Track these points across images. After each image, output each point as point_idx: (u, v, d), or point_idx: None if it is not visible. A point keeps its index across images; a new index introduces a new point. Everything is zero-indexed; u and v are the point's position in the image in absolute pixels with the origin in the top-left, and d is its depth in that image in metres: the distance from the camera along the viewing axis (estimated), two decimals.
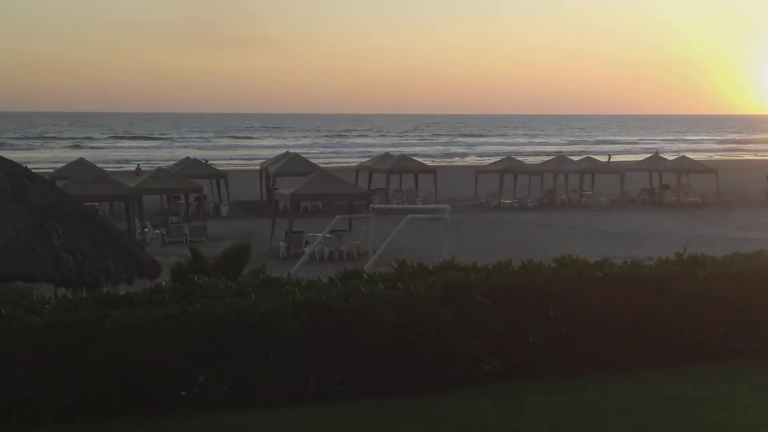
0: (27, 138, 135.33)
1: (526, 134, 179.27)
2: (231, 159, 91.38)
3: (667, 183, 50.38)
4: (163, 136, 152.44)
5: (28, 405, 9.25)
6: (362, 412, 8.89)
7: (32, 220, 13.37)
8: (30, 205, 13.60)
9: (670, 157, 58.84)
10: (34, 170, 15.43)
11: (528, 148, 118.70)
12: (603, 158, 70.22)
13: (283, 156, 51.42)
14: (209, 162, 55.19)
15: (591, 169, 50.77)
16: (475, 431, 8.04)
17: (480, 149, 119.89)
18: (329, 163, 78.03)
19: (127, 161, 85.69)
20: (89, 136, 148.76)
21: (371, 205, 31.25)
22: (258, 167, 54.99)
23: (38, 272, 12.88)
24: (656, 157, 53.39)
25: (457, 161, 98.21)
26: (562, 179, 52.47)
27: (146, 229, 32.89)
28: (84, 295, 11.92)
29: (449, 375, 10.35)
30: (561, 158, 54.60)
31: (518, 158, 59.71)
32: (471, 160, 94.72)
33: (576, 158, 56.54)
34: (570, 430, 8.02)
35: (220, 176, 47.49)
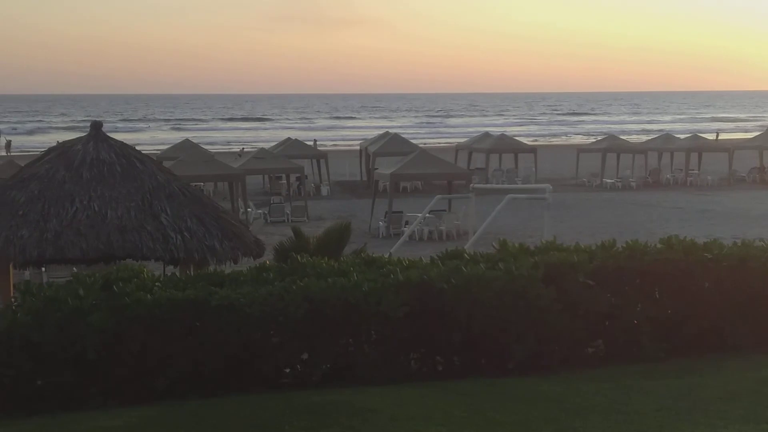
0: (131, 120, 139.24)
1: (630, 112, 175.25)
2: (331, 139, 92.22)
3: None
4: (265, 117, 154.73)
5: (140, 380, 9.57)
6: (463, 393, 8.90)
7: (142, 199, 13.76)
8: (140, 184, 13.99)
9: None
10: (142, 151, 15.84)
11: (632, 126, 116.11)
12: (711, 136, 68.16)
13: (382, 136, 51.64)
14: (317, 142, 55.81)
15: (698, 147, 49.35)
16: (580, 413, 7.95)
17: (583, 127, 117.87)
18: (428, 142, 77.97)
19: (228, 143, 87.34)
20: (193, 117, 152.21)
21: (471, 184, 31.11)
22: (358, 147, 55.37)
23: (148, 250, 13.25)
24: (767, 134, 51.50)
25: (558, 140, 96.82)
26: (668, 158, 51.17)
27: (249, 209, 33.52)
28: (191, 273, 12.25)
29: (551, 357, 10.26)
30: (666, 136, 53.28)
31: (622, 137, 58.46)
32: (573, 140, 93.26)
33: (682, 136, 55.07)
34: (676, 414, 7.86)
35: (320, 156, 48.01)
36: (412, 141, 50.12)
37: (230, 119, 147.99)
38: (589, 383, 9.09)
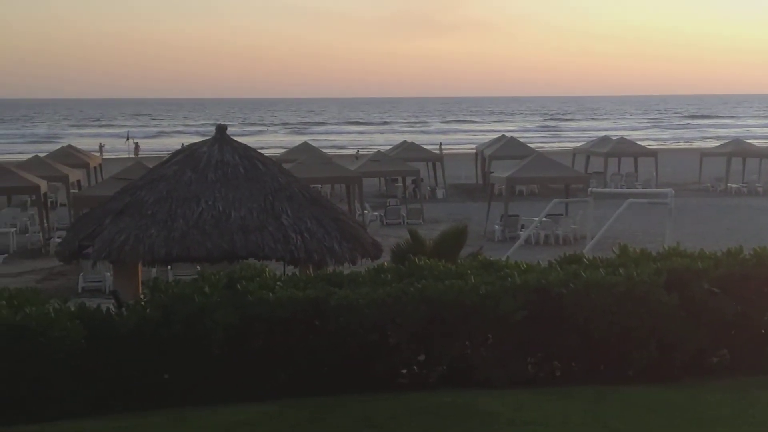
0: (250, 124, 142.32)
1: (758, 115, 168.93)
2: (446, 143, 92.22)
3: None
4: (381, 120, 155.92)
5: (261, 376, 9.81)
6: (582, 398, 8.79)
7: (264, 200, 14.12)
8: (262, 186, 14.36)
9: None
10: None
11: (757, 131, 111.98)
12: None
13: (498, 139, 51.33)
14: (442, 145, 55.93)
15: None
16: (705, 424, 7.75)
17: (708, 131, 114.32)
18: (545, 146, 77.04)
19: (344, 147, 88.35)
20: (309, 121, 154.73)
21: (589, 189, 30.62)
22: (473, 150, 55.19)
23: (269, 250, 13.59)
24: None
25: (679, 144, 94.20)
26: None
27: (366, 211, 33.85)
28: (311, 273, 12.49)
29: (673, 365, 10.02)
30: None
31: (748, 141, 56.45)
32: (694, 144, 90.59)
33: None
34: None
35: (436, 159, 48.06)
36: (528, 145, 49.67)
37: (347, 122, 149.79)
38: (713, 393, 8.84)
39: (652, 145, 79.22)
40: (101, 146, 61.46)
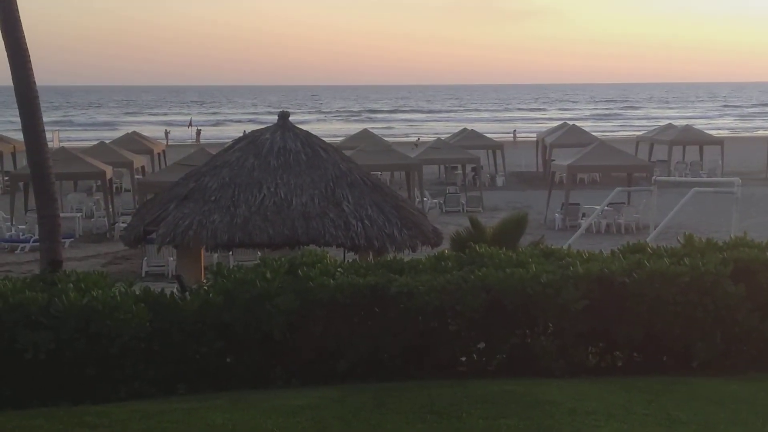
0: (311, 112, 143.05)
1: None
2: (507, 131, 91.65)
3: None
4: (441, 108, 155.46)
5: (322, 361, 9.89)
6: (645, 389, 8.68)
7: (325, 187, 14.20)
8: (324, 173, 14.44)
9: None
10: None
11: None
12: None
13: (560, 127, 50.87)
14: (514, 132, 55.59)
15: None
16: None
17: None
18: (607, 133, 76.07)
19: (406, 135, 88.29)
20: (370, 108, 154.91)
21: (653, 177, 30.18)
22: (534, 138, 54.77)
23: (330, 237, 13.67)
24: None
25: (745, 132, 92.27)
26: None
27: (425, 199, 33.84)
28: (371, 260, 12.53)
29: (739, 357, 9.84)
30: None
31: None
32: (760, 132, 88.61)
33: None
34: None
35: (496, 147, 47.80)
36: (592, 133, 49.10)
37: (407, 110, 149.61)
38: None
39: (720, 133, 77.71)
40: (167, 132, 62.20)
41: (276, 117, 15.60)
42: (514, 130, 55.47)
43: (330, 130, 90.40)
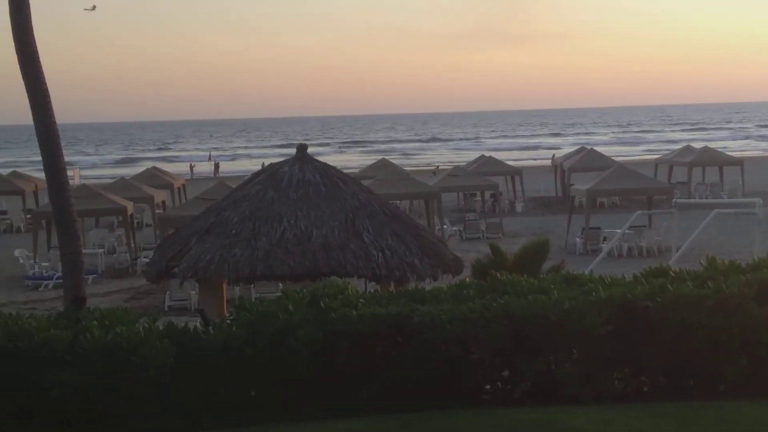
0: (326, 144, 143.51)
1: None
2: (524, 157, 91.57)
3: None
4: (458, 137, 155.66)
5: (345, 392, 9.87)
6: (672, 415, 8.61)
7: (345, 218, 14.25)
8: (343, 204, 14.50)
9: None
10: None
11: None
12: None
13: (578, 151, 50.84)
14: (553, 156, 55.56)
15: None
16: None
17: None
18: (626, 156, 75.89)
19: (428, 164, 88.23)
20: (392, 137, 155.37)
21: (674, 199, 30.05)
22: (551, 163, 54.72)
23: (351, 268, 13.69)
24: None
25: (764, 152, 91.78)
26: None
27: (445, 226, 33.82)
28: (392, 289, 12.53)
29: (766, 380, 9.74)
30: None
31: None
32: None
33: None
34: None
35: (514, 173, 47.77)
36: (609, 156, 48.99)
37: (424, 140, 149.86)
38: None
39: (738, 153, 77.32)
40: (192, 166, 62.42)
41: (294, 150, 15.75)
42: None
43: (345, 160, 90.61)
